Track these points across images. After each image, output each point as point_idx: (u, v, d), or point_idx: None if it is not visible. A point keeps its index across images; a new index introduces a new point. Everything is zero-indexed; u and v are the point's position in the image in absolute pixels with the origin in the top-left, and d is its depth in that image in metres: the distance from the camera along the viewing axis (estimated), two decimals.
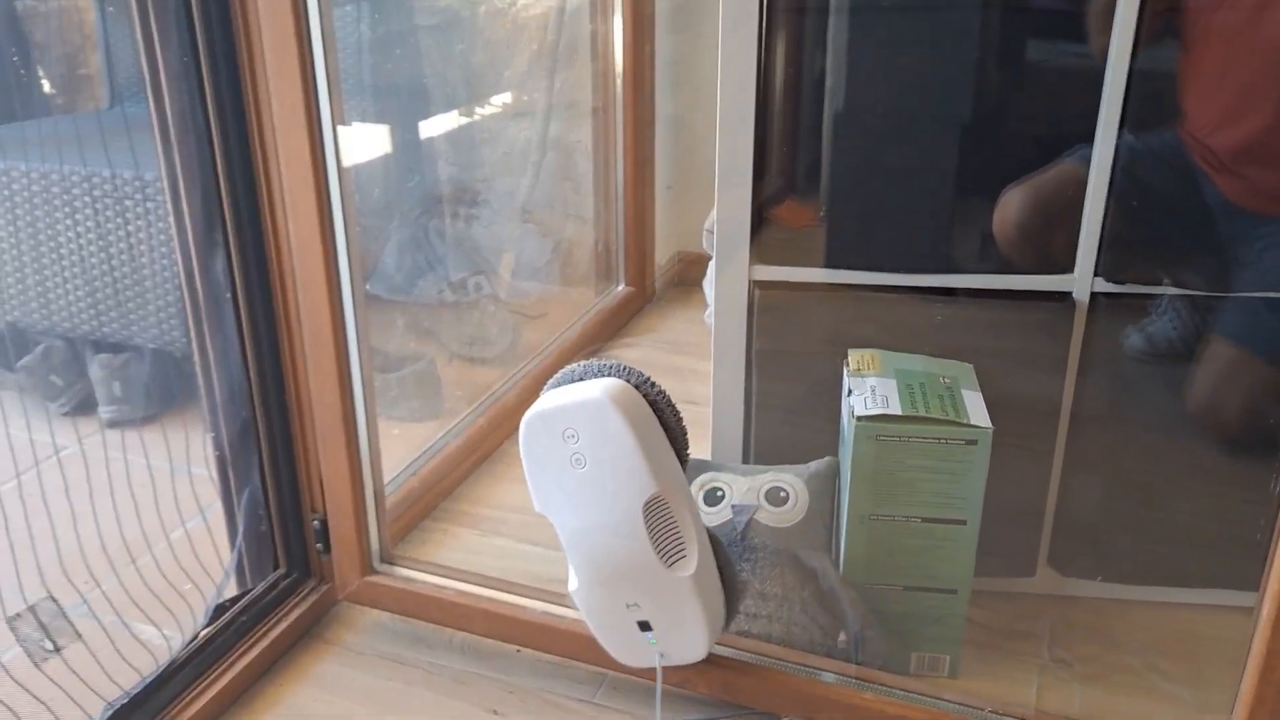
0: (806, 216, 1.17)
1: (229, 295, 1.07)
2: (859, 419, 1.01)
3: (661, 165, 2.08)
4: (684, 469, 0.94)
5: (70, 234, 1.59)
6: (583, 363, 0.95)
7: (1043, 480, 1.17)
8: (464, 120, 1.89)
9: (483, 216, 1.92)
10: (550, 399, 0.91)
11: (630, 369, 0.93)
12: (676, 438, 0.93)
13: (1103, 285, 1.10)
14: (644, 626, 0.97)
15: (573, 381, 0.93)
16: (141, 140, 1.69)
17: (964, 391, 1.05)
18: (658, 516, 0.91)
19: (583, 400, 0.89)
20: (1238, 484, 1.16)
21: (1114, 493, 1.18)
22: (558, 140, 1.96)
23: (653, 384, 0.93)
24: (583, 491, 0.91)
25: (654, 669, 1.00)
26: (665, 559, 0.92)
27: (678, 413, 0.94)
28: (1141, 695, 1.07)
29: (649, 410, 0.91)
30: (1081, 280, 1.10)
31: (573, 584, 0.97)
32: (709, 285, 1.97)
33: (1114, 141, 1.05)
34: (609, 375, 0.92)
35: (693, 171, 2.11)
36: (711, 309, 1.94)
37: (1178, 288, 1.11)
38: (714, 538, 0.97)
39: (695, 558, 0.93)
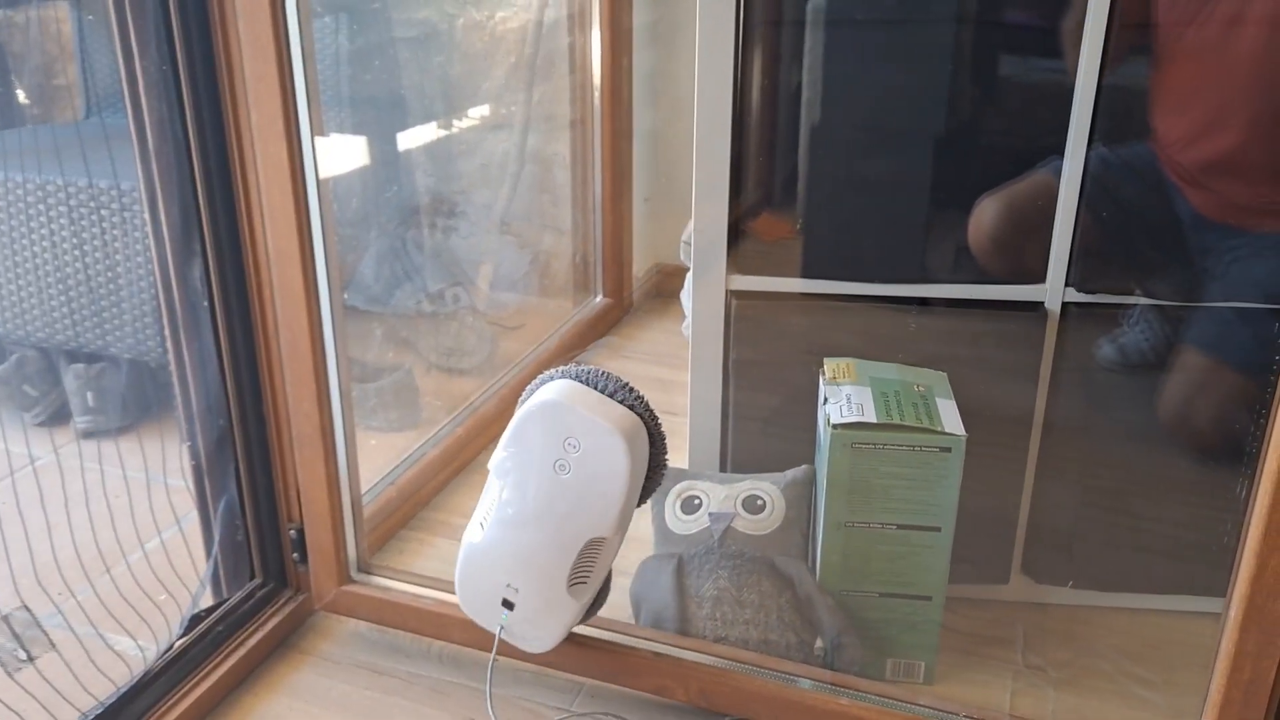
0: (782, 229, 1.19)
1: (206, 304, 1.07)
2: (835, 427, 1.02)
3: (639, 178, 2.09)
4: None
5: (45, 243, 1.58)
6: (610, 374, 0.95)
7: (1016, 488, 1.18)
8: (442, 132, 1.89)
9: (461, 228, 1.93)
10: (569, 398, 0.91)
11: (649, 407, 0.94)
12: (649, 488, 0.97)
13: (1074, 295, 1.12)
14: (506, 605, 1.00)
15: (599, 388, 0.94)
16: (118, 150, 1.68)
17: (938, 400, 1.06)
18: (590, 551, 0.96)
19: (605, 427, 0.90)
20: (1207, 492, 1.18)
21: (1086, 500, 1.20)
22: (536, 152, 1.97)
23: (660, 428, 0.95)
24: (548, 494, 0.93)
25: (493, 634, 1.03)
26: (569, 582, 0.97)
27: (664, 468, 0.97)
28: (1114, 699, 1.08)
29: (646, 463, 0.94)
30: (1053, 290, 1.12)
31: (474, 536, 0.99)
32: (686, 297, 1.98)
33: (1084, 154, 1.06)
34: (632, 407, 0.93)
35: (670, 184, 2.13)
36: (689, 320, 1.95)
37: (1148, 298, 1.13)
38: (607, 575, 1.02)
39: (592, 590, 0.99)
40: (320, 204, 1.03)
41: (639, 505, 0.98)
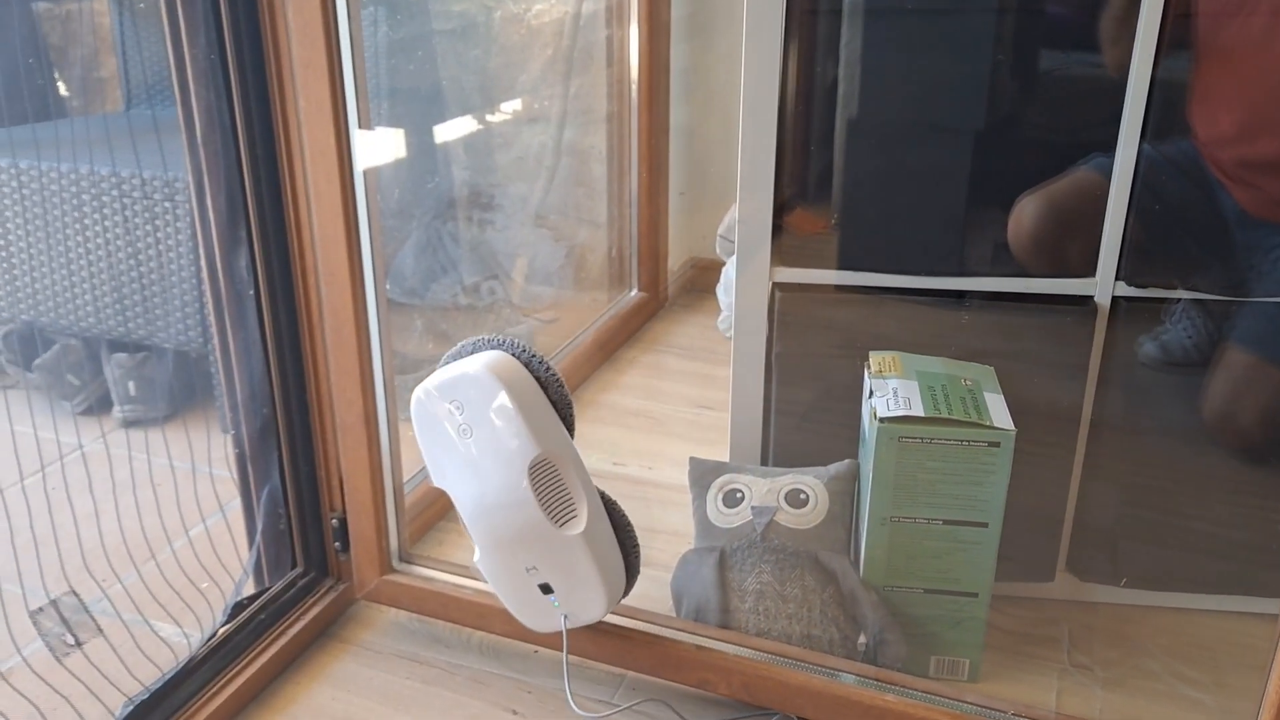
0: (818, 223, 1.18)
1: (251, 292, 1.07)
2: (881, 420, 1.01)
3: (675, 172, 2.08)
4: (571, 433, 0.98)
5: (88, 233, 1.60)
6: (471, 339, 0.99)
7: (1062, 485, 1.17)
8: (479, 125, 1.90)
9: (497, 221, 1.93)
10: (435, 376, 0.96)
11: (515, 342, 0.97)
12: (560, 405, 0.97)
13: (1124, 289, 1.10)
14: (545, 589, 1.00)
15: (452, 356, 0.98)
16: (163, 141, 1.69)
17: (986, 394, 1.05)
18: (544, 478, 0.95)
19: (463, 372, 0.94)
20: (1256, 491, 1.16)
21: (1133, 498, 1.18)
22: (572, 145, 1.96)
23: (534, 354, 0.97)
24: (473, 460, 0.95)
25: (561, 632, 1.03)
26: (555, 519, 0.96)
27: (559, 379, 0.98)
28: (1163, 700, 1.07)
29: (529, 378, 0.95)
30: (1103, 284, 1.10)
31: (476, 555, 1.01)
32: (722, 291, 1.97)
33: (1136, 148, 1.05)
34: (493, 348, 0.97)
35: (706, 178, 2.12)
36: (725, 315, 1.95)
37: (1198, 293, 1.11)
38: (608, 500, 1.01)
39: (585, 517, 0.97)
40: (366, 189, 1.03)
41: (569, 428, 0.98)
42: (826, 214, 1.17)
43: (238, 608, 1.12)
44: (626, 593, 1.04)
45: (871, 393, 1.07)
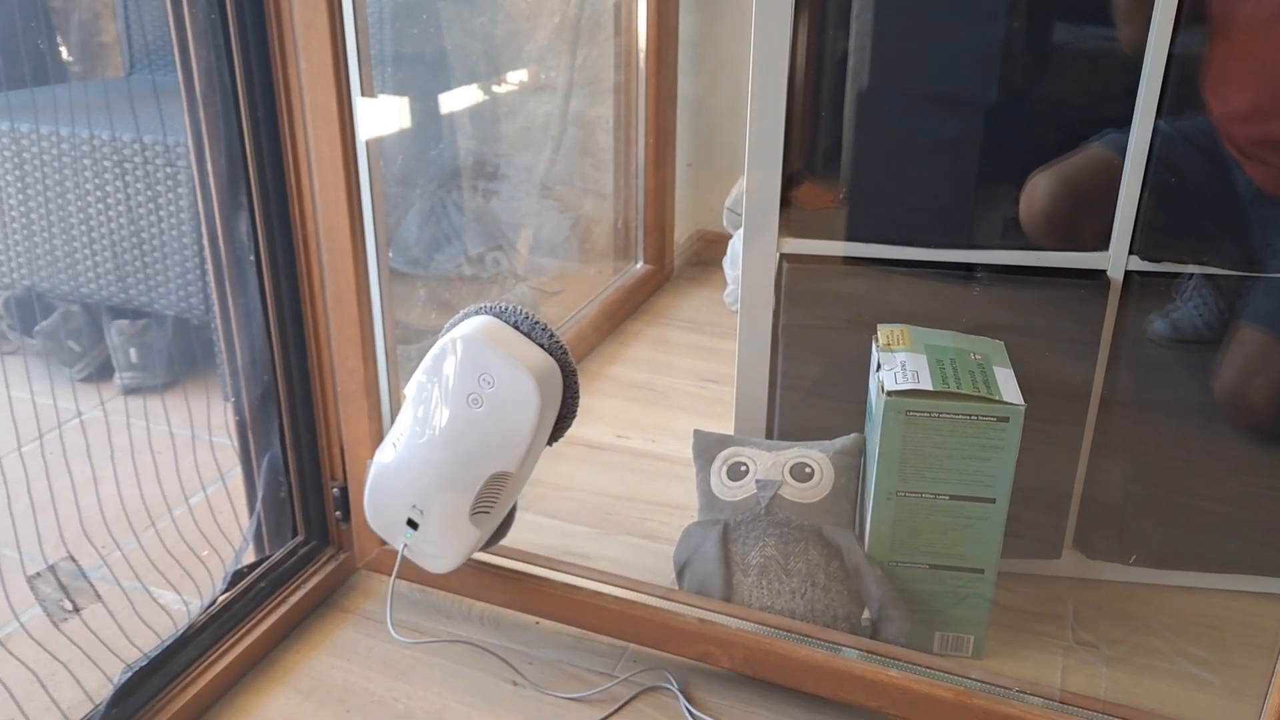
0: (826, 196, 1.16)
1: (252, 258, 1.06)
2: (889, 394, 1.00)
3: (682, 143, 2.06)
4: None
5: (89, 198, 1.58)
6: (534, 315, 0.98)
7: (1071, 462, 1.16)
8: (484, 93, 1.87)
9: (502, 191, 1.91)
10: (489, 334, 0.95)
11: (567, 352, 0.97)
12: (559, 432, 0.99)
13: (1138, 264, 1.08)
14: (410, 524, 1.03)
15: (518, 326, 0.97)
16: (164, 106, 1.67)
17: (996, 368, 1.03)
18: (494, 485, 0.98)
19: (519, 367, 0.93)
20: (1266, 470, 1.15)
21: (1142, 476, 1.17)
22: (579, 115, 1.94)
23: (575, 374, 0.98)
24: (459, 425, 0.96)
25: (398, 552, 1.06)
26: (473, 511, 0.99)
27: (576, 410, 0.99)
28: (1169, 679, 1.06)
29: (557, 403, 0.96)
30: (1116, 258, 1.09)
31: (385, 455, 1.02)
32: (729, 264, 1.95)
33: (1152, 123, 1.03)
34: (551, 351, 0.96)
35: (713, 149, 2.10)
36: (731, 288, 1.93)
37: (1213, 268, 1.10)
38: (512, 510, 1.04)
39: (494, 520, 1.02)
40: (368, 155, 1.01)
41: (549, 446, 1.00)
42: (836, 187, 1.15)
43: (238, 575, 1.11)
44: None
45: (879, 366, 1.05)
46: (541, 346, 0.96)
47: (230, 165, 1.03)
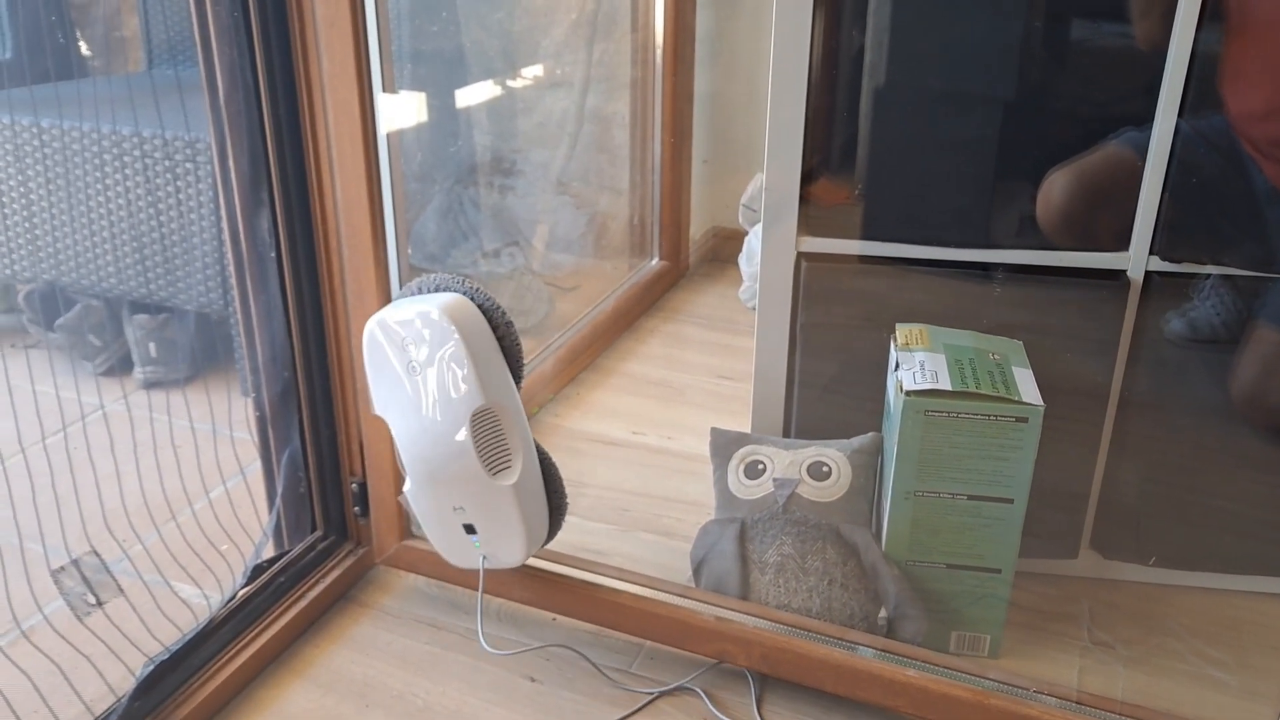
0: (842, 194, 1.16)
1: (273, 254, 1.07)
2: (908, 393, 1.00)
3: (698, 139, 2.06)
4: (518, 385, 0.99)
5: (102, 194, 1.59)
6: (430, 276, 0.99)
7: (1089, 462, 1.15)
8: (501, 90, 1.88)
9: (518, 187, 1.91)
10: (390, 309, 0.96)
11: (475, 287, 0.97)
12: (511, 355, 0.98)
13: (1158, 264, 1.08)
14: (469, 529, 1.02)
15: (417, 294, 0.98)
16: (185, 101, 1.68)
17: (1015, 369, 1.03)
18: (485, 427, 0.96)
19: (420, 312, 0.94)
20: None
21: (1160, 477, 1.16)
22: (595, 111, 1.94)
23: (491, 301, 0.97)
24: (417, 398, 0.96)
25: (479, 570, 1.05)
26: (490, 468, 0.97)
27: (514, 330, 0.99)
28: (1186, 680, 1.06)
29: (485, 326, 0.96)
30: (1136, 258, 1.08)
31: (408, 485, 1.02)
32: (744, 260, 1.95)
33: (1174, 122, 1.03)
34: (451, 290, 0.97)
35: (729, 146, 2.09)
36: (746, 285, 1.93)
37: (1234, 268, 1.09)
38: (545, 456, 1.02)
39: (519, 469, 0.98)
40: (389, 152, 1.02)
41: (517, 379, 0.99)
42: (851, 184, 1.15)
43: (257, 570, 1.12)
44: (547, 542, 1.06)
45: (898, 365, 1.05)
46: (444, 291, 0.97)
47: (252, 162, 1.04)
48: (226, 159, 1.04)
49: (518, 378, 1.00)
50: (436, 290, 0.98)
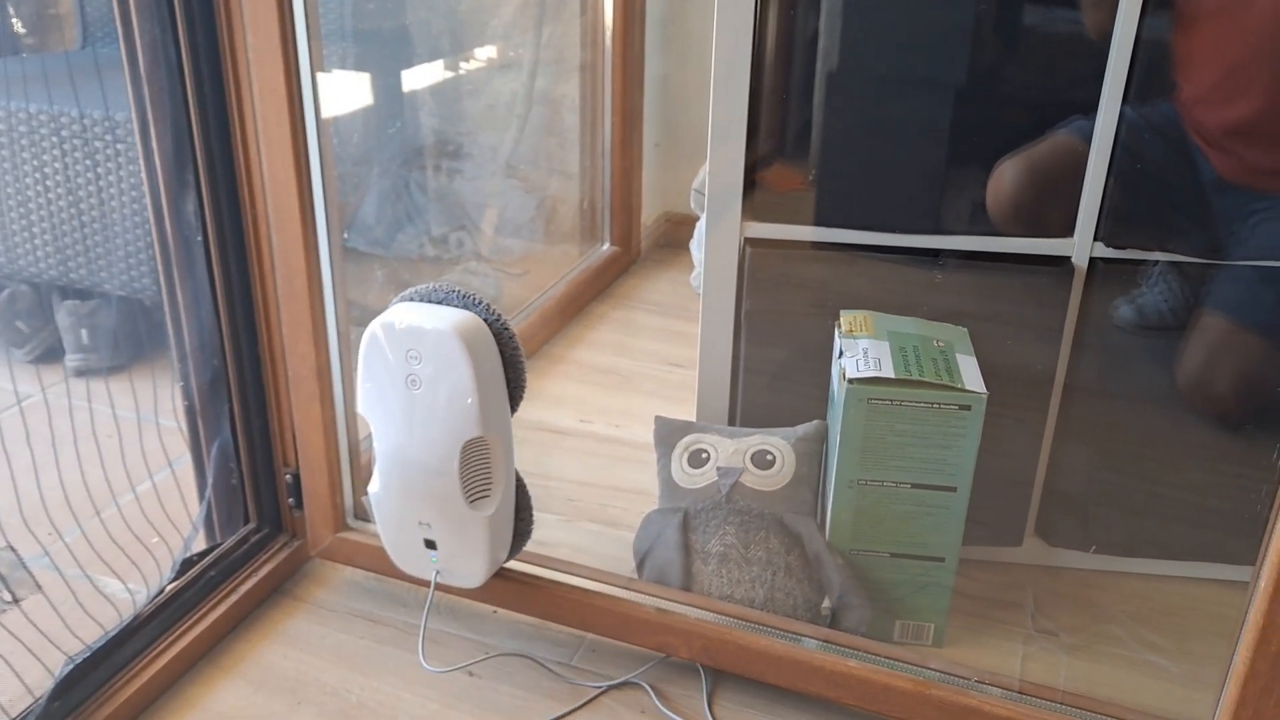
0: (795, 179, 1.14)
1: (200, 238, 1.03)
2: (850, 381, 0.99)
3: (650, 124, 2.03)
4: (514, 413, 0.97)
5: (29, 176, 1.54)
6: (445, 285, 0.95)
7: (1033, 449, 1.15)
8: (448, 71, 1.84)
9: (466, 170, 1.88)
10: (402, 314, 0.92)
11: (491, 308, 0.94)
12: (516, 384, 0.96)
13: (1102, 250, 1.07)
14: (429, 545, 1.00)
15: (430, 301, 0.95)
16: (102, 81, 1.63)
17: (958, 356, 1.02)
18: (474, 457, 0.95)
19: (434, 328, 0.90)
20: (1229, 458, 1.14)
21: (1104, 464, 1.16)
22: (544, 94, 1.91)
23: (505, 325, 0.94)
24: (410, 412, 0.93)
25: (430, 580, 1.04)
26: (469, 496, 0.96)
27: (522, 361, 0.96)
28: (1128, 667, 1.06)
29: (494, 350, 0.93)
30: (1081, 245, 1.08)
31: (374, 486, 0.99)
32: (696, 246, 1.93)
33: (1118, 109, 1.02)
34: (467, 307, 0.93)
35: (681, 130, 2.07)
36: (699, 271, 1.91)
37: (1177, 256, 1.09)
38: (521, 484, 1.00)
39: (497, 501, 0.97)
40: (319, 132, 0.98)
41: (514, 408, 0.97)
42: (805, 170, 1.13)
43: (187, 564, 1.09)
44: (505, 563, 1.04)
45: (841, 353, 1.04)
46: (460, 308, 0.94)
47: (176, 142, 1.00)
48: (149, 139, 1.00)
49: (515, 406, 0.97)
50: (449, 302, 0.94)
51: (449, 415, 0.92)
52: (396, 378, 0.93)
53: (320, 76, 0.98)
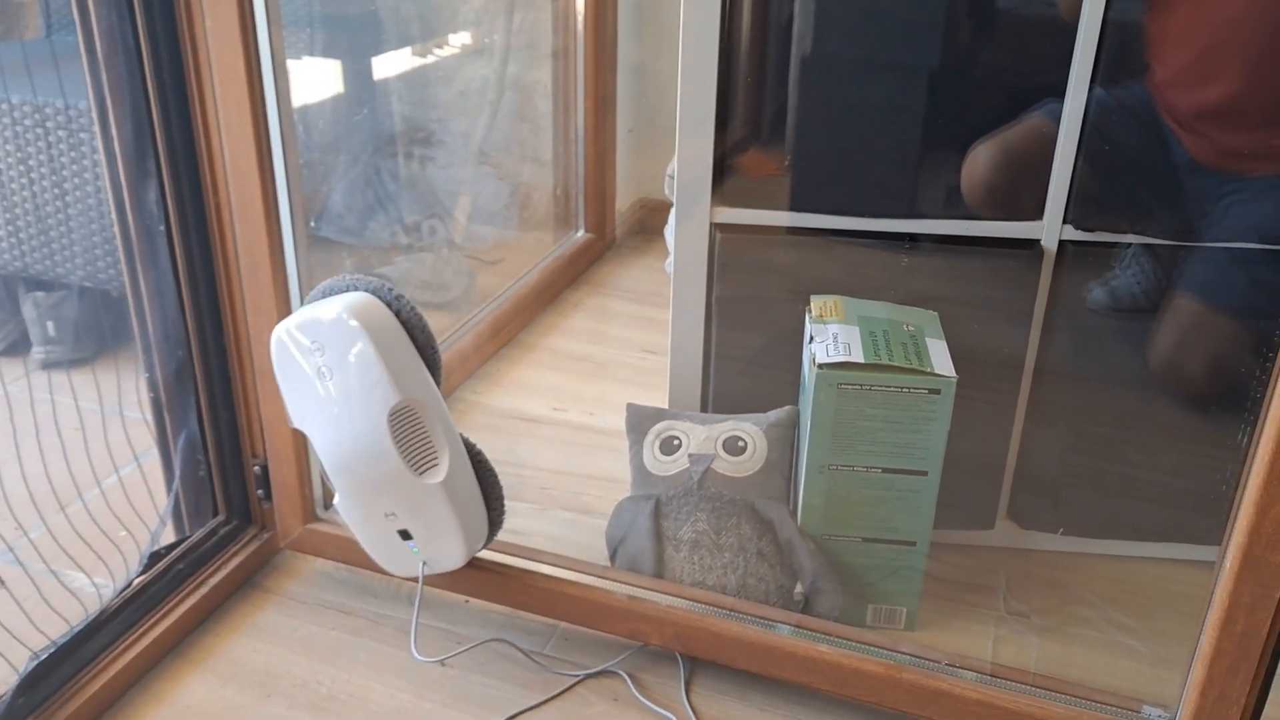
0: (769, 165, 1.14)
1: (163, 228, 1.01)
2: (820, 366, 0.98)
3: (623, 109, 2.02)
4: (438, 381, 0.95)
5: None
6: (339, 277, 0.95)
7: (1004, 432, 1.15)
8: (418, 57, 1.82)
9: (438, 157, 1.86)
10: (297, 315, 0.93)
11: (382, 284, 0.94)
12: (425, 350, 0.95)
13: (1072, 233, 1.07)
14: (405, 535, 0.98)
15: (323, 296, 0.95)
16: (56, 70, 1.61)
17: (928, 340, 1.02)
18: (405, 426, 0.93)
19: (323, 314, 0.91)
20: (1197, 439, 1.15)
21: (1075, 446, 1.17)
22: (516, 80, 1.89)
23: (399, 297, 0.94)
24: (331, 403, 0.93)
25: (418, 575, 1.02)
26: (415, 467, 0.94)
27: (425, 326, 0.95)
28: (1098, 648, 1.06)
29: (394, 323, 0.92)
30: (1050, 228, 1.07)
31: (337, 499, 0.99)
32: (670, 233, 1.92)
33: (1086, 91, 1.02)
34: (356, 288, 0.94)
35: (656, 117, 2.06)
36: (673, 256, 1.90)
37: (1148, 238, 1.09)
38: (474, 450, 0.99)
39: (446, 465, 0.95)
40: (281, 119, 0.97)
41: (435, 373, 0.96)
42: (778, 155, 1.12)
43: (155, 557, 1.07)
44: (489, 541, 1.02)
45: (812, 338, 1.04)
46: (343, 291, 0.94)
47: (136, 130, 0.98)
48: (109, 127, 0.99)
49: (435, 371, 0.96)
50: (340, 290, 0.94)
51: (364, 391, 0.91)
52: (310, 377, 0.92)
53: (286, 63, 0.97)
